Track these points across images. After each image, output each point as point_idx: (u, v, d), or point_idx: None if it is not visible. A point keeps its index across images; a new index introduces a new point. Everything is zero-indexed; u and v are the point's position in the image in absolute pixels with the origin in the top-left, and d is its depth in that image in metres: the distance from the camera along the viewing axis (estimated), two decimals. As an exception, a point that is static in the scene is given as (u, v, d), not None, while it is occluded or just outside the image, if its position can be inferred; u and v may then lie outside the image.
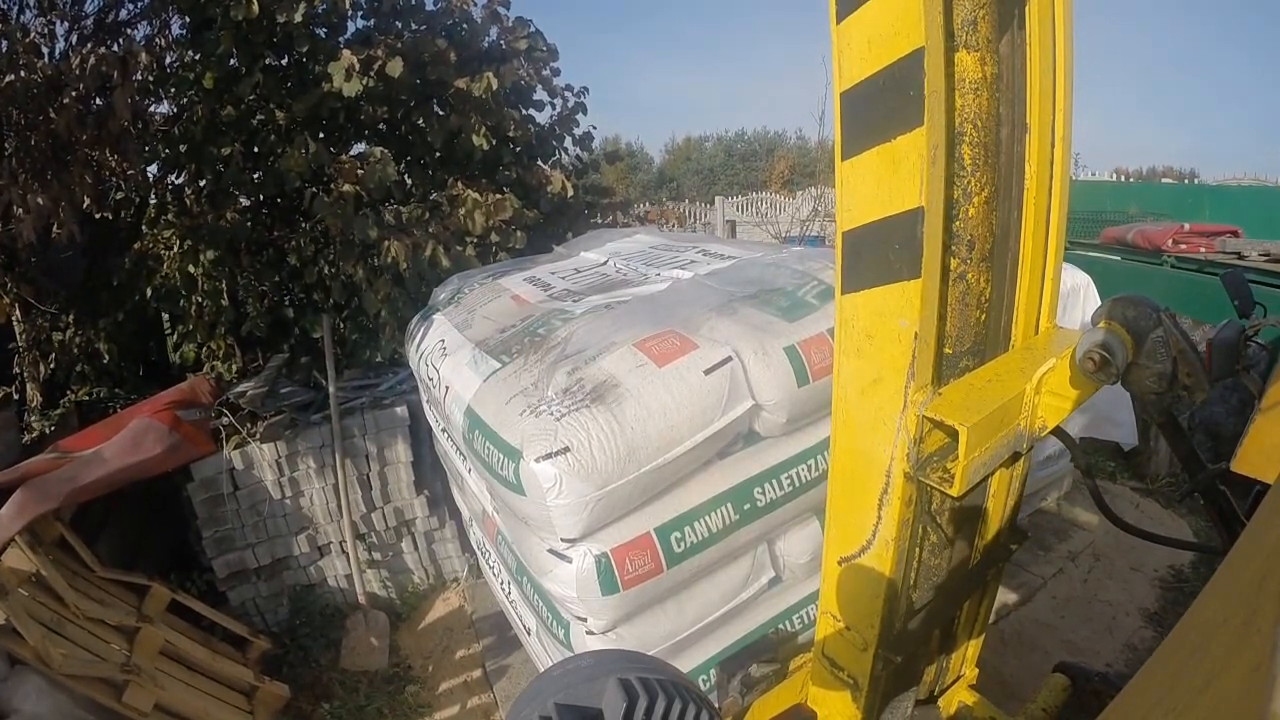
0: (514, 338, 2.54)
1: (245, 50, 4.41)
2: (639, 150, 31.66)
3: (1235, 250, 5.43)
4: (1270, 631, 0.50)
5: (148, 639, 2.70)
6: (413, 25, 5.05)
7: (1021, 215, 1.34)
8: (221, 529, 3.45)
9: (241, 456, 3.42)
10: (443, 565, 3.99)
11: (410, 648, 3.57)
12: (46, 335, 4.73)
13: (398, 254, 4.14)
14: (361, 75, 4.28)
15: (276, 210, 4.99)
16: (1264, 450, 1.26)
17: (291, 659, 3.42)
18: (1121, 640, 3.26)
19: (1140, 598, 3.53)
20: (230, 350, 4.90)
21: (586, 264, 3.39)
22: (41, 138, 3.45)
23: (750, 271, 2.66)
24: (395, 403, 3.75)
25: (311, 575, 3.69)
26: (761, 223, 15.53)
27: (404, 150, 5.10)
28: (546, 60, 5.48)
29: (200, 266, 4.67)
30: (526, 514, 2.04)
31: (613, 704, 0.57)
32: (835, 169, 1.25)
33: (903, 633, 1.49)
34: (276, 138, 4.61)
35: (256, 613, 3.61)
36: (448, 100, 4.86)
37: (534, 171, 5.19)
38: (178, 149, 4.70)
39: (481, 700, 3.20)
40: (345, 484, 3.52)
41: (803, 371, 2.13)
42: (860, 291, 1.27)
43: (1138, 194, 8.58)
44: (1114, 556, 3.81)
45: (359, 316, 4.65)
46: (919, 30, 1.05)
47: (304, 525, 3.62)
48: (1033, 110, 1.28)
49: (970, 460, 1.18)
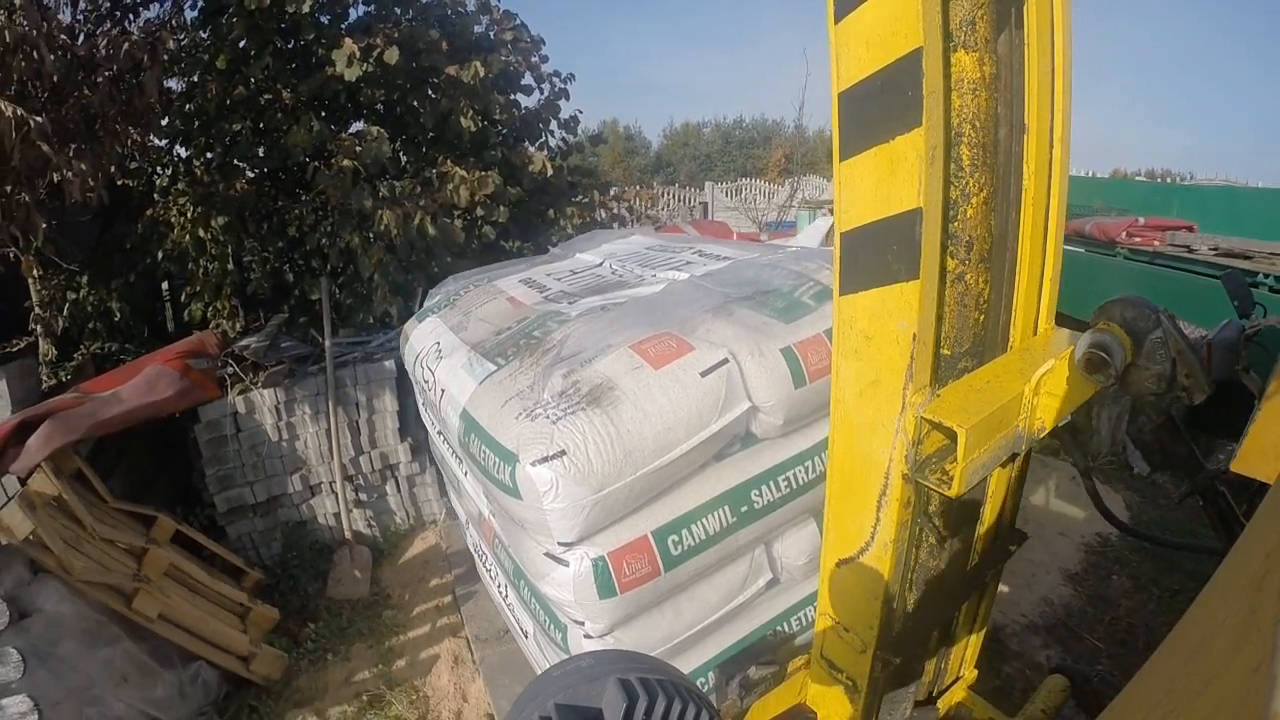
0: (510, 340, 2.53)
1: (256, 35, 4.78)
2: (637, 134, 31.41)
3: (1185, 244, 5.58)
4: (1270, 631, 0.50)
5: (155, 559, 2.91)
6: (409, 14, 5.40)
7: (1020, 216, 1.34)
8: (224, 468, 3.76)
9: (244, 402, 3.74)
10: (422, 508, 4.30)
11: (390, 580, 3.86)
12: (61, 294, 5.09)
13: (390, 223, 4.48)
14: (361, 61, 4.62)
15: (280, 182, 5.41)
16: (1263, 450, 1.26)
17: (282, 588, 3.71)
18: (1039, 595, 3.38)
19: (1063, 559, 3.65)
20: (234, 310, 5.22)
21: (582, 265, 3.39)
22: (73, 110, 3.74)
23: (746, 273, 2.65)
24: (384, 358, 4.08)
25: (303, 513, 3.99)
26: (739, 207, 15.68)
27: (399, 130, 5.46)
28: (532, 49, 5.86)
29: (209, 233, 5.02)
30: (523, 518, 2.03)
31: (612, 704, 0.57)
32: (833, 169, 1.25)
33: (901, 634, 1.48)
34: (283, 116, 5.00)
35: (252, 547, 3.89)
36: (439, 85, 5.25)
37: (518, 152, 5.58)
38: (191, 124, 5.13)
39: (449, 620, 3.50)
40: (336, 429, 3.83)
41: (799, 373, 2.12)
42: (858, 293, 1.26)
43: (1108, 189, 8.67)
44: (1043, 523, 3.93)
45: (354, 281, 4.96)
46: (917, 30, 1.05)
47: (298, 466, 3.93)
48: (1031, 110, 1.28)
49: (969, 462, 1.18)
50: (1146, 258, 5.75)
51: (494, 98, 5.38)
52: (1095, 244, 6.36)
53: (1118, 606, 3.28)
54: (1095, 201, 7.69)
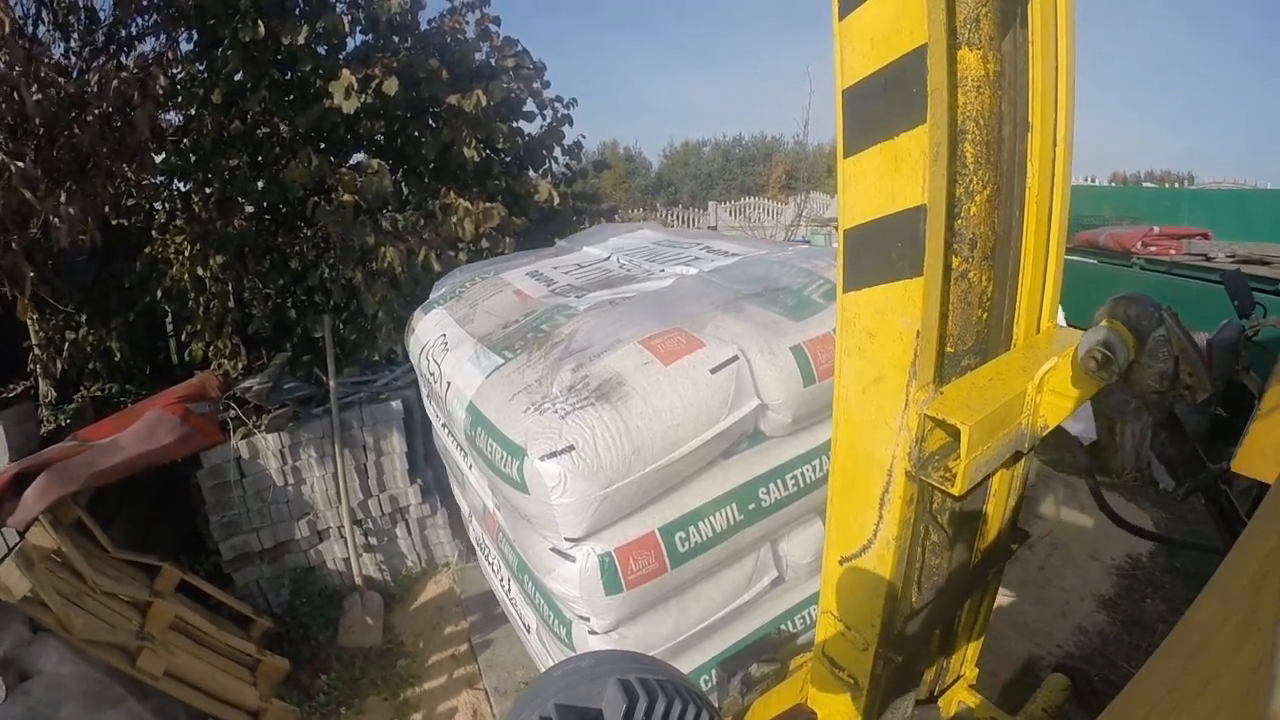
0: (517, 333, 2.53)
1: (252, 68, 4.66)
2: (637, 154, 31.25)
3: (1202, 252, 5.49)
4: (1270, 631, 0.50)
5: (159, 612, 2.84)
6: (408, 43, 5.30)
7: (1023, 213, 1.33)
8: (228, 514, 3.64)
9: (248, 446, 3.63)
10: (434, 550, 4.19)
11: (403, 626, 3.75)
12: (60, 334, 4.95)
13: (393, 259, 4.41)
14: (360, 93, 4.54)
15: (280, 217, 5.26)
16: (1264, 450, 1.26)
17: (292, 636, 3.60)
18: (1073, 623, 3.30)
19: (1095, 584, 3.57)
20: (236, 349, 5.11)
21: (589, 259, 3.38)
22: (64, 150, 3.63)
23: (756, 269, 2.64)
24: (391, 398, 3.97)
25: (311, 558, 3.88)
26: (746, 226, 15.55)
27: (400, 161, 5.37)
28: (534, 76, 5.76)
29: (208, 270, 4.91)
30: (529, 512, 2.03)
31: (613, 704, 0.57)
32: (837, 167, 1.25)
33: (903, 632, 1.49)
34: (280, 149, 4.89)
35: (260, 594, 3.78)
36: (440, 115, 5.15)
37: (523, 181, 5.51)
38: (188, 159, 4.99)
39: (466, 670, 3.39)
40: (344, 473, 3.72)
41: (809, 371, 2.12)
42: (862, 290, 1.26)
43: (1115, 197, 8.61)
44: (1071, 545, 3.85)
45: (357, 318, 4.87)
46: (921, 27, 1.05)
47: (305, 511, 3.82)
48: (1035, 108, 1.28)
49: (972, 459, 1.18)
50: (1163, 267, 5.66)
51: (497, 126, 5.28)
52: (1110, 254, 6.24)
53: (1154, 632, 3.21)
54: (1104, 210, 7.60)
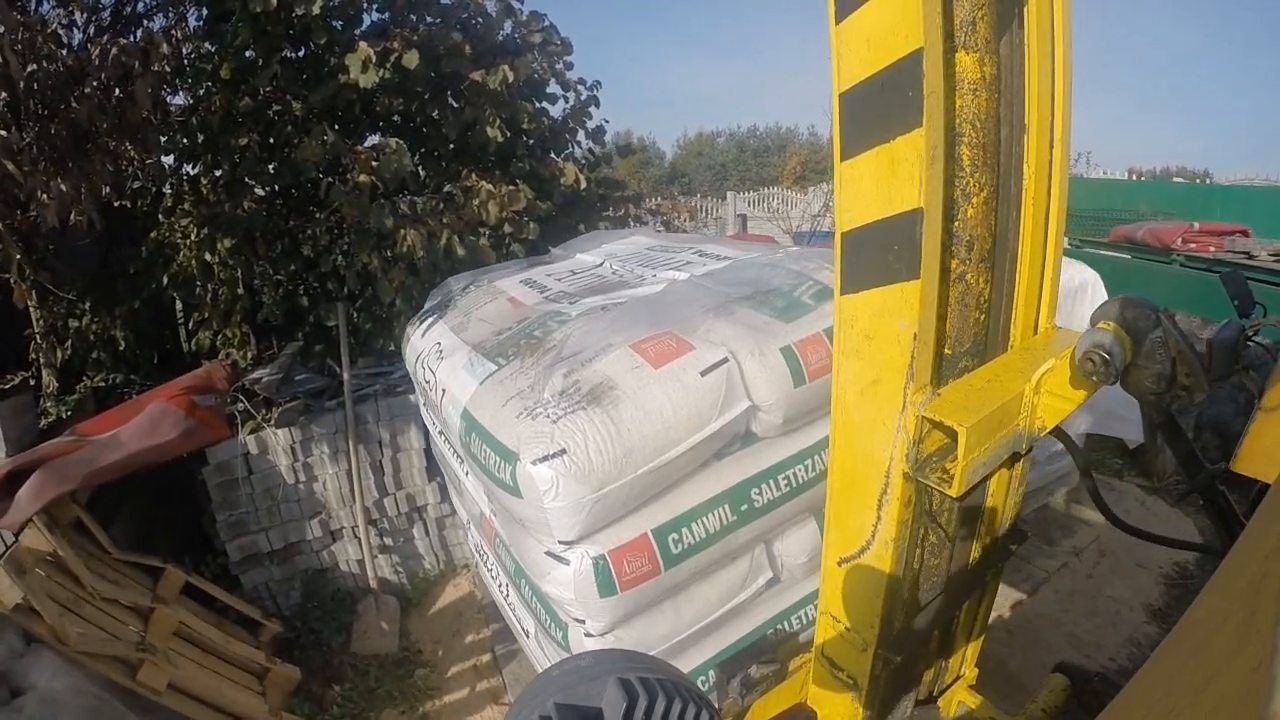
0: (510, 340, 2.54)
1: (263, 42, 4.46)
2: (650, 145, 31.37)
3: (1245, 250, 5.41)
4: (1270, 631, 0.50)
5: (162, 619, 2.71)
6: (428, 18, 5.07)
7: (1020, 215, 1.34)
8: (235, 513, 3.48)
9: (256, 441, 3.46)
10: (453, 551, 4.02)
11: (420, 632, 3.59)
12: (63, 322, 4.77)
13: (414, 243, 4.19)
14: (378, 67, 4.32)
15: (292, 200, 5.05)
16: (1264, 450, 1.26)
17: (303, 642, 3.44)
18: (1124, 635, 3.25)
19: (1145, 593, 3.52)
20: (245, 338, 4.95)
21: (583, 266, 3.39)
22: (62, 126, 3.47)
23: (746, 272, 2.65)
24: (408, 390, 3.75)
25: (324, 560, 3.71)
26: (773, 218, 15.50)
27: (419, 141, 5.14)
28: (560, 54, 5.51)
29: (217, 255, 4.73)
30: (524, 516, 2.03)
31: (612, 704, 0.57)
32: (834, 169, 1.25)
33: (902, 633, 1.49)
34: (293, 128, 4.65)
35: (269, 596, 3.63)
36: (462, 92, 4.89)
37: (547, 164, 5.25)
38: (195, 139, 4.77)
39: (490, 684, 3.22)
40: (358, 470, 3.56)
41: (799, 372, 2.12)
42: (859, 292, 1.26)
43: (1149, 192, 8.56)
44: (1119, 553, 3.81)
45: (373, 305, 4.69)
46: (918, 31, 1.05)
47: (317, 510, 3.65)
48: (1031, 111, 1.28)
49: (969, 460, 1.18)
50: (1204, 264, 5.51)
51: (521, 105, 5.01)
52: (1148, 251, 6.12)
53: (1205, 647, 3.20)
54: (1140, 206, 7.54)
